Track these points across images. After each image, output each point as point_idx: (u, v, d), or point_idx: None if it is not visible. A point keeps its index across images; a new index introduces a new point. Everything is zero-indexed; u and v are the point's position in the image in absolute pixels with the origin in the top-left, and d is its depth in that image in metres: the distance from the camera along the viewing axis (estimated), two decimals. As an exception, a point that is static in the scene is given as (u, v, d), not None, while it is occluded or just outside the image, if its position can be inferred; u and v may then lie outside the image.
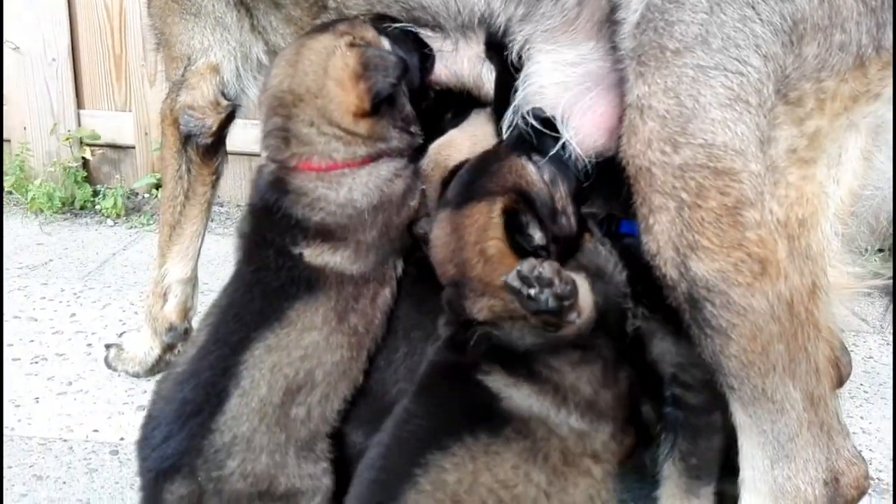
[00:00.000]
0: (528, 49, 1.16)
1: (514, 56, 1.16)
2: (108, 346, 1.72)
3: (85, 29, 2.67)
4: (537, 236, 1.06)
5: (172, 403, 1.07)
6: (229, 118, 1.54)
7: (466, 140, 1.27)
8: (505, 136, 1.17)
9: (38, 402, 1.55)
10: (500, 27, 1.17)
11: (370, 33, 1.21)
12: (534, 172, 1.09)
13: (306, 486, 1.10)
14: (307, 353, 1.12)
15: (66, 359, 1.73)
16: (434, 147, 1.28)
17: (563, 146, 1.10)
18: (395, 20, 1.24)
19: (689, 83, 0.94)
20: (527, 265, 0.93)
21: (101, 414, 1.53)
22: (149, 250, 2.42)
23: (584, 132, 1.14)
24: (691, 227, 0.96)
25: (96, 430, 1.47)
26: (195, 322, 1.69)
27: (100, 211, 2.66)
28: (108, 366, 1.68)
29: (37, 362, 1.70)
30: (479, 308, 1.05)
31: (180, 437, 1.03)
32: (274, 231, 1.17)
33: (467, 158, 1.18)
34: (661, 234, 0.98)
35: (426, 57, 1.25)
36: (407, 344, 1.21)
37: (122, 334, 1.78)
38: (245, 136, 2.56)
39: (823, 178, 0.95)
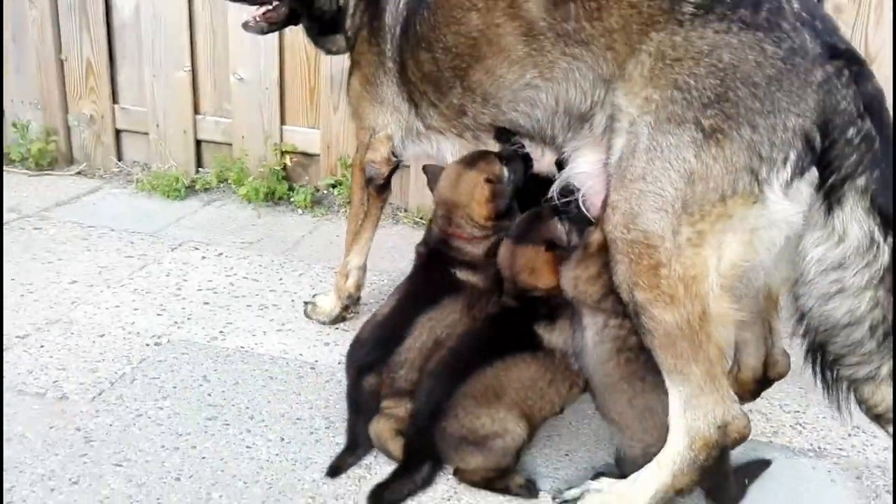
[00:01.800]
0: (572, 153, 1.85)
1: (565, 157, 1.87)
2: (305, 303, 2.56)
3: (290, 66, 3.55)
4: None
5: (373, 336, 1.91)
6: (395, 169, 2.32)
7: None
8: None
9: (265, 334, 2.41)
10: (560, 142, 1.87)
11: (497, 167, 1.97)
12: (560, 228, 1.84)
13: None
14: (447, 325, 1.92)
15: (279, 308, 2.59)
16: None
17: (579, 207, 1.81)
18: (509, 130, 1.96)
19: (636, 198, 1.59)
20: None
21: (303, 345, 2.36)
22: (326, 236, 3.29)
23: (597, 201, 1.80)
24: (634, 274, 1.60)
25: (301, 354, 2.31)
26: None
27: (293, 202, 3.55)
28: (306, 315, 2.52)
29: (262, 308, 2.58)
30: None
31: (375, 354, 1.87)
32: (442, 261, 2.00)
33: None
34: (621, 275, 1.63)
35: (528, 165, 2.01)
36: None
37: (314, 295, 2.60)
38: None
39: (707, 255, 1.55)
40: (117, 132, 3.80)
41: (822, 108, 1.52)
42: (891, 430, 1.65)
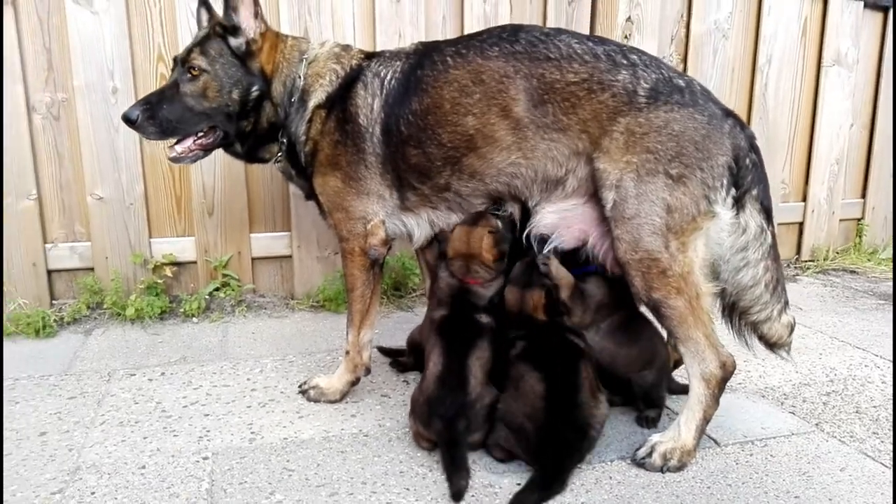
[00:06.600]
0: (541, 205, 2.48)
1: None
2: (305, 390, 2.68)
3: (153, 179, 3.53)
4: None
5: (443, 389, 2.22)
6: (390, 248, 2.67)
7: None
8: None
9: (293, 423, 2.49)
10: (535, 201, 2.48)
11: (493, 221, 2.44)
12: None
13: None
14: (487, 359, 2.32)
15: (278, 402, 2.65)
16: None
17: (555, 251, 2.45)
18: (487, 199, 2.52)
19: (635, 229, 2.22)
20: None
21: (336, 423, 2.50)
22: (243, 335, 3.34)
23: (566, 238, 2.47)
24: (647, 281, 2.28)
25: (343, 429, 2.45)
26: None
27: (182, 313, 3.49)
28: (311, 400, 2.65)
29: (262, 406, 2.63)
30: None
31: (455, 401, 2.20)
32: (464, 307, 2.41)
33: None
34: (637, 285, 2.29)
35: (514, 226, 2.53)
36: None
37: (306, 381, 2.73)
38: (274, 244, 3.61)
39: (692, 256, 2.22)
40: (-61, 279, 3.30)
41: (733, 147, 2.36)
42: (782, 353, 2.55)
